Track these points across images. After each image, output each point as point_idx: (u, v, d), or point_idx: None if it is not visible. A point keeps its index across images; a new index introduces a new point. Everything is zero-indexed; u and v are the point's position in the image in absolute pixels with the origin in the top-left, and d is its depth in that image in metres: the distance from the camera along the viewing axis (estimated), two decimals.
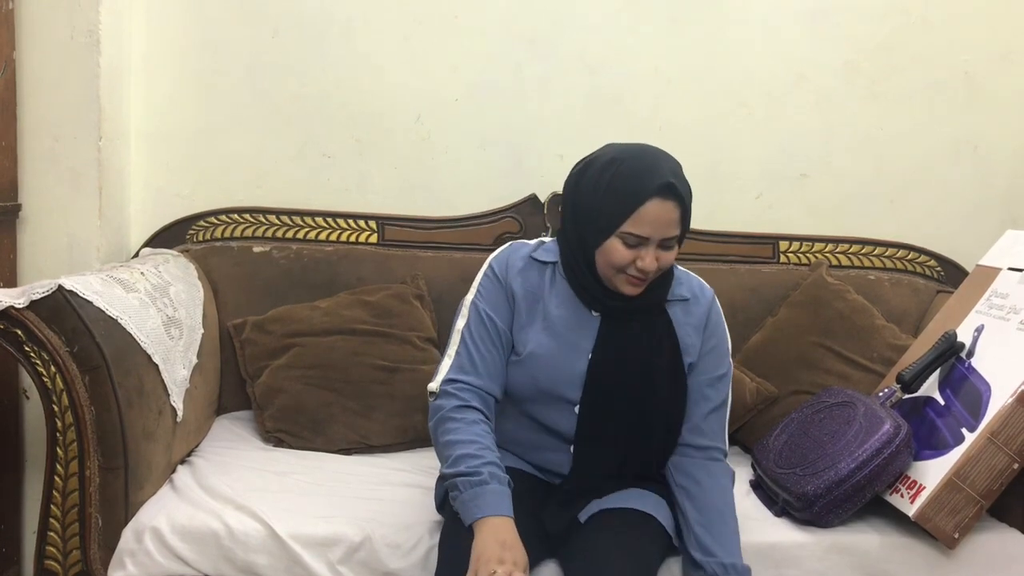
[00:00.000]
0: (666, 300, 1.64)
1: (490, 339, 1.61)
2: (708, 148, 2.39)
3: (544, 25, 2.32)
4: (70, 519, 1.58)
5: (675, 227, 1.53)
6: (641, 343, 1.61)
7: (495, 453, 1.50)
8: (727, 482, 1.63)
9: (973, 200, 2.46)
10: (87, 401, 1.56)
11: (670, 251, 1.55)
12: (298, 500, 1.71)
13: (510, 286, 1.63)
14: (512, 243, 1.70)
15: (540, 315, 1.62)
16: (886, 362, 2.07)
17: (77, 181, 2.03)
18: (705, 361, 1.65)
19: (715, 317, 1.67)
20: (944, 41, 2.40)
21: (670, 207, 1.51)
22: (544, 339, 1.60)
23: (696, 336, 1.65)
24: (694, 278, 1.71)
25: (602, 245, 1.54)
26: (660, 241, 1.52)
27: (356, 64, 2.29)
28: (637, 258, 1.52)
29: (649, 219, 1.50)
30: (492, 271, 1.65)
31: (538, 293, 1.63)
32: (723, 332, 1.69)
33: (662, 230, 1.51)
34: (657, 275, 1.57)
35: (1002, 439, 1.65)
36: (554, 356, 1.59)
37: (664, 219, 1.51)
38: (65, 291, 1.56)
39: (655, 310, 1.63)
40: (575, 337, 1.60)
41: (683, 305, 1.65)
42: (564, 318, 1.61)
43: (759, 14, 2.36)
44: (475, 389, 1.57)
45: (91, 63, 2.00)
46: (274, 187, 2.30)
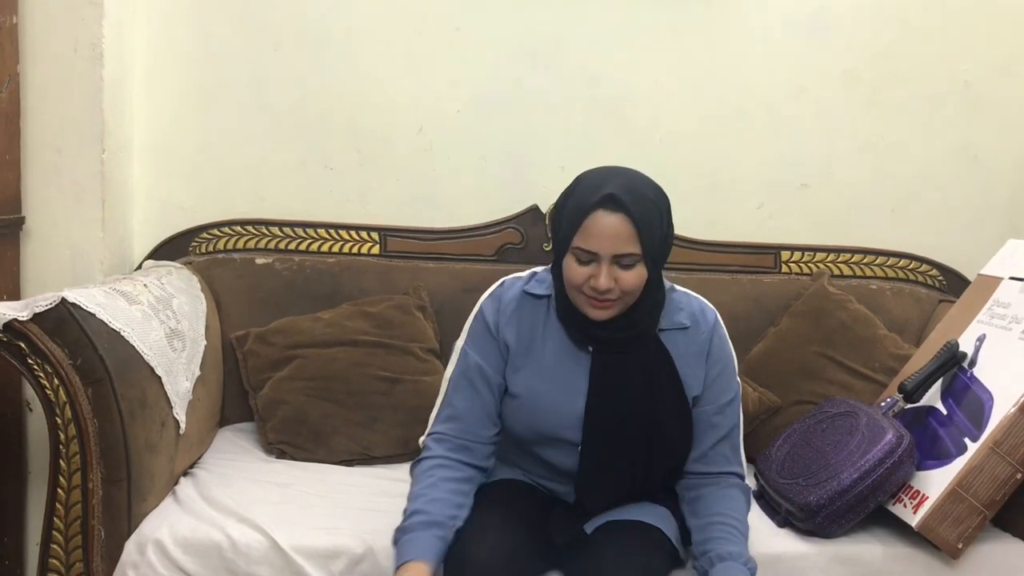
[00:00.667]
0: (660, 329, 1.58)
1: (478, 385, 1.59)
2: (709, 158, 2.39)
3: (545, 37, 2.32)
4: (73, 531, 1.58)
5: (628, 243, 1.46)
6: (637, 379, 1.56)
7: (438, 498, 1.49)
8: (737, 493, 1.59)
9: (974, 209, 2.46)
10: (90, 413, 1.56)
11: (630, 271, 1.48)
12: (300, 512, 1.71)
13: (503, 336, 1.59)
14: (504, 280, 1.65)
15: (535, 357, 1.59)
16: (888, 372, 2.07)
17: (80, 194, 2.04)
18: (711, 390, 1.61)
19: (718, 342, 1.62)
20: (944, 50, 2.41)
21: (617, 220, 1.45)
22: (539, 383, 1.57)
23: (698, 366, 1.60)
24: (695, 301, 1.64)
25: (563, 263, 1.51)
26: (614, 258, 1.46)
27: (358, 76, 2.30)
28: (591, 276, 1.48)
29: (595, 232, 1.46)
30: (483, 317, 1.61)
31: (533, 333, 1.60)
32: (728, 354, 1.63)
33: (611, 245, 1.46)
34: (624, 298, 1.50)
35: (1005, 449, 1.65)
36: (550, 399, 1.57)
37: (610, 232, 1.46)
38: (68, 304, 1.57)
39: (648, 341, 1.57)
40: (570, 377, 1.57)
41: (683, 334, 1.60)
42: (558, 357, 1.58)
43: (759, 24, 2.37)
44: (458, 439, 1.57)
45: (94, 76, 2.01)
46: (276, 199, 2.30)
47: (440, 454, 1.56)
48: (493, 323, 1.60)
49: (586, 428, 1.55)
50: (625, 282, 1.48)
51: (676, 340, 1.59)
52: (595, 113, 2.34)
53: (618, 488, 1.60)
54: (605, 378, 1.56)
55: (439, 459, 1.55)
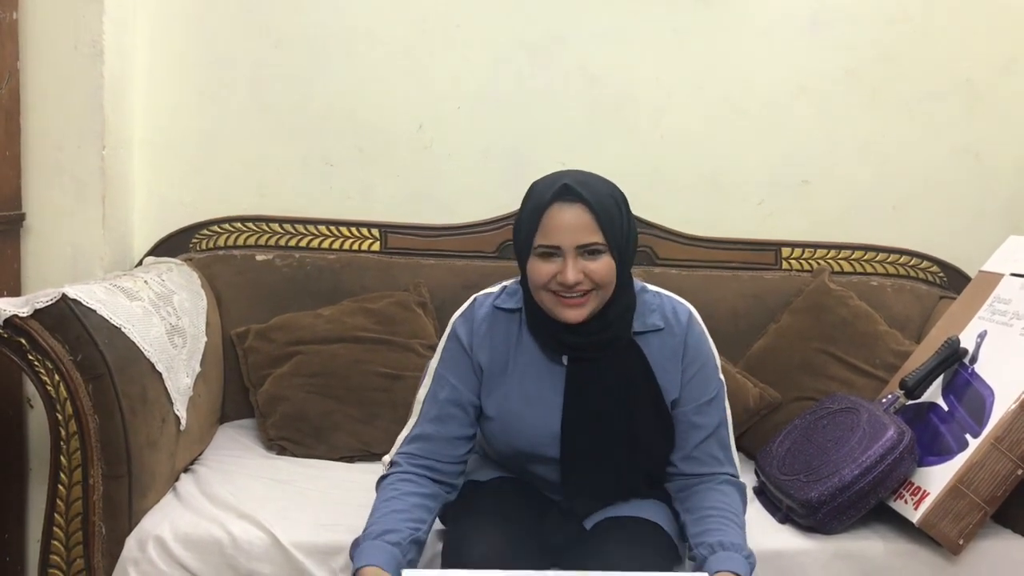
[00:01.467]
0: (634, 332, 1.54)
1: (451, 409, 1.55)
2: (710, 156, 2.39)
3: (546, 35, 2.32)
4: (73, 528, 1.58)
5: (589, 232, 1.44)
6: (612, 388, 1.52)
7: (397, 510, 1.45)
8: (730, 489, 1.55)
9: (975, 206, 2.46)
10: (91, 410, 1.56)
11: (598, 260, 1.45)
12: (301, 508, 1.71)
13: (476, 358, 1.56)
14: (476, 298, 1.61)
15: (509, 376, 1.56)
16: (889, 368, 2.07)
17: (81, 190, 2.04)
18: (689, 389, 1.56)
19: (693, 341, 1.56)
20: (945, 49, 2.41)
21: (575, 210, 1.44)
22: (514, 404, 1.54)
23: (675, 369, 1.56)
24: (668, 300, 1.60)
25: (527, 269, 1.49)
26: (578, 249, 1.44)
27: (359, 73, 2.30)
28: (557, 272, 1.45)
29: (553, 225, 1.44)
30: (456, 337, 1.57)
31: (507, 350, 1.56)
32: (707, 352, 1.58)
33: (572, 235, 1.44)
34: (597, 292, 1.46)
35: (1006, 445, 1.65)
36: (526, 420, 1.54)
37: (569, 223, 1.44)
38: (69, 300, 1.56)
39: (622, 346, 1.53)
40: (545, 393, 1.54)
41: (657, 336, 1.56)
42: (532, 374, 1.55)
43: (760, 23, 2.37)
44: (426, 459, 1.53)
45: (95, 73, 2.01)
46: (277, 196, 2.30)
47: (406, 470, 1.52)
48: (467, 343, 1.56)
49: (563, 444, 1.53)
50: (595, 273, 1.45)
51: (651, 343, 1.55)
52: (596, 110, 2.34)
53: (605, 493, 1.58)
54: (580, 391, 1.53)
55: (404, 474, 1.52)
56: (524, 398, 1.54)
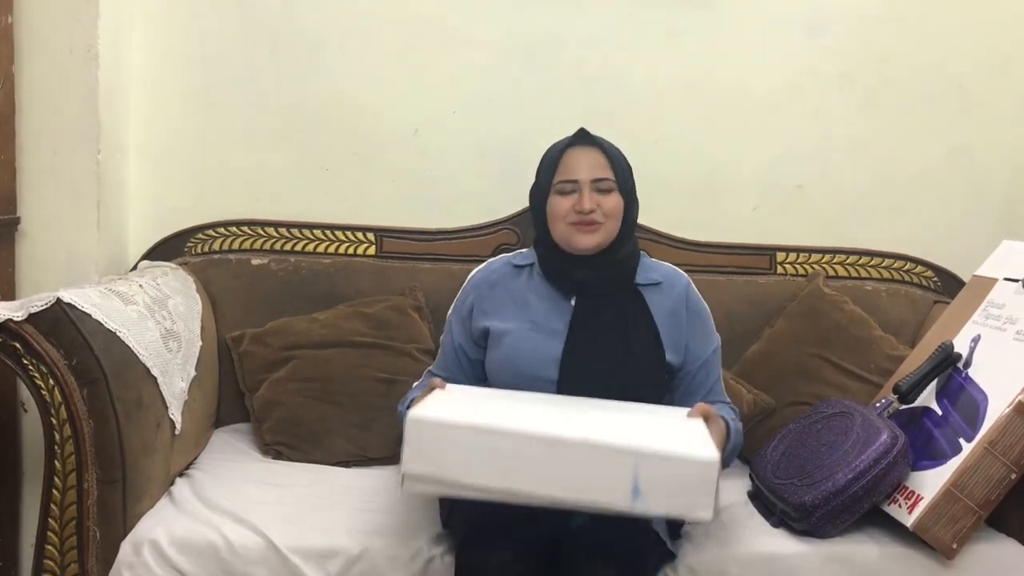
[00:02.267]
0: (637, 283, 1.75)
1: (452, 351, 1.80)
2: (705, 159, 2.40)
3: (542, 38, 2.33)
4: (68, 532, 1.58)
5: (602, 169, 1.70)
6: (614, 323, 1.70)
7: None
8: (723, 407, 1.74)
9: (969, 210, 2.47)
10: (85, 414, 1.56)
11: (609, 195, 1.70)
12: (297, 512, 1.71)
13: (473, 296, 1.79)
14: (495, 259, 1.87)
15: (518, 308, 1.75)
16: (883, 372, 2.08)
17: (76, 194, 2.03)
18: (695, 342, 1.76)
19: (694, 296, 1.80)
20: (939, 52, 2.41)
21: (589, 151, 1.71)
22: (521, 325, 1.72)
23: (673, 323, 1.74)
24: (665, 265, 1.84)
25: (548, 208, 1.72)
26: (592, 183, 1.69)
27: (354, 77, 2.31)
28: (575, 202, 1.68)
29: (573, 164, 1.71)
30: (467, 287, 1.83)
31: (517, 291, 1.77)
32: (706, 309, 1.81)
33: (588, 170, 1.70)
34: (607, 224, 1.69)
35: (1000, 449, 1.65)
36: (531, 341, 1.70)
37: (586, 161, 1.70)
38: (64, 304, 1.56)
39: (627, 291, 1.74)
40: (551, 323, 1.71)
41: (657, 289, 1.77)
42: (541, 308, 1.74)
43: (755, 26, 2.37)
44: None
45: (90, 77, 2.01)
46: (272, 200, 2.30)
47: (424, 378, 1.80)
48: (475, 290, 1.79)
49: (563, 366, 1.67)
50: (605, 205, 1.69)
51: (651, 295, 1.76)
52: (591, 114, 2.33)
53: None
54: (584, 323, 1.70)
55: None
56: (532, 324, 1.72)
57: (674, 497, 1.32)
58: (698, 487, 1.31)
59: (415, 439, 1.35)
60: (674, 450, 1.33)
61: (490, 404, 1.54)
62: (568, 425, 1.38)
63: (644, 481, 1.31)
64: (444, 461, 1.34)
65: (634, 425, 1.48)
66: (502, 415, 1.43)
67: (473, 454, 1.34)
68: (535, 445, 1.33)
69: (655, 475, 1.31)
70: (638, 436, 1.37)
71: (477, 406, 1.50)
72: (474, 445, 1.34)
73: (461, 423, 1.36)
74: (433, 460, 1.34)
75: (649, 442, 1.34)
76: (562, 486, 1.33)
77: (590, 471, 1.32)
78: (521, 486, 1.33)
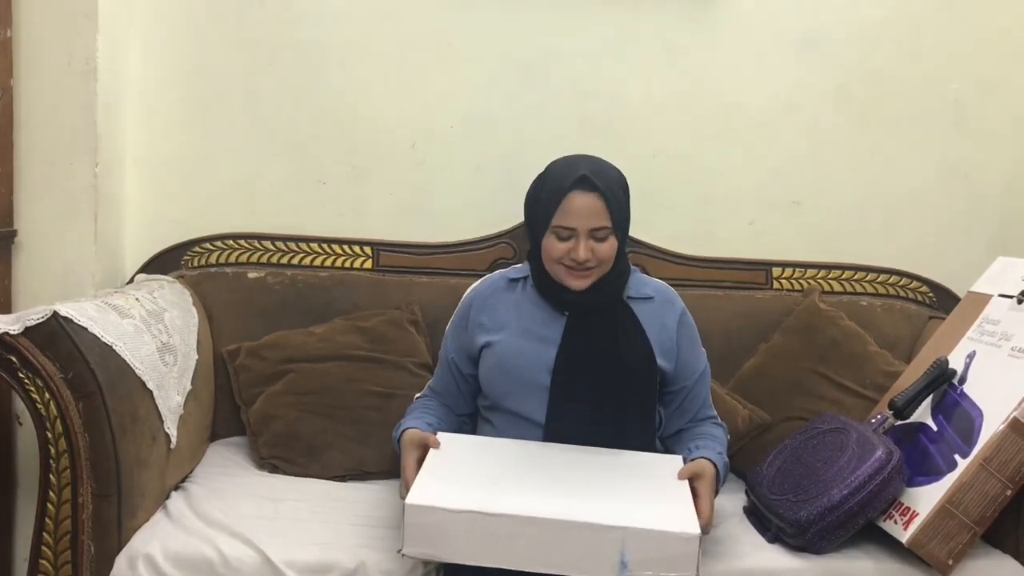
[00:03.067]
0: (627, 297, 1.79)
1: (452, 371, 1.84)
2: (701, 174, 2.40)
3: (538, 53, 2.34)
4: (62, 546, 1.57)
5: (601, 217, 1.69)
6: (607, 336, 1.74)
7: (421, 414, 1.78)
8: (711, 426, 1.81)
9: (964, 226, 2.47)
10: (81, 428, 1.56)
11: (604, 242, 1.70)
12: (292, 527, 1.70)
13: (469, 311, 1.82)
14: (492, 274, 1.90)
15: (511, 319, 1.78)
16: (879, 388, 2.08)
17: (73, 207, 2.04)
18: (685, 358, 1.80)
19: (687, 318, 1.84)
20: (934, 69, 2.43)
21: (591, 198, 1.68)
22: (514, 332, 1.77)
23: (662, 332, 1.78)
24: (657, 281, 1.89)
25: (543, 244, 1.73)
26: (589, 232, 1.68)
27: (352, 91, 2.31)
28: (571, 249, 1.69)
29: (572, 211, 1.68)
30: (465, 301, 1.87)
31: (512, 304, 1.80)
32: (696, 329, 1.86)
33: (587, 220, 1.68)
34: (600, 267, 1.71)
35: (995, 465, 1.65)
36: (526, 350, 1.74)
37: (586, 209, 1.68)
38: (60, 317, 1.56)
39: (617, 307, 1.77)
40: (545, 332, 1.75)
41: (648, 303, 1.80)
42: (535, 317, 1.78)
43: (751, 41, 2.38)
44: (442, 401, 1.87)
45: (88, 90, 2.02)
46: (269, 213, 2.30)
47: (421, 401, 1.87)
48: (468, 303, 1.84)
49: (556, 371, 1.71)
50: (601, 252, 1.71)
51: (642, 308, 1.79)
52: (588, 129, 2.35)
53: (585, 429, 1.71)
54: (576, 335, 1.74)
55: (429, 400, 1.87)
56: (525, 332, 1.76)
57: (659, 564, 1.44)
58: (682, 557, 1.43)
59: (413, 523, 1.46)
60: (659, 526, 1.45)
61: (482, 471, 1.60)
62: (559, 501, 1.49)
63: (630, 553, 1.43)
64: (441, 542, 1.46)
65: (622, 493, 1.56)
66: (495, 490, 1.52)
67: (468, 535, 1.45)
68: (528, 526, 1.44)
69: (641, 547, 1.43)
70: (625, 510, 1.48)
71: (470, 475, 1.57)
72: (469, 528, 1.45)
73: (456, 508, 1.45)
74: (430, 541, 1.46)
75: (635, 518, 1.45)
76: (554, 561, 1.45)
77: (581, 548, 1.44)
78: (514, 561, 1.45)
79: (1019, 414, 1.66)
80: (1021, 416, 1.66)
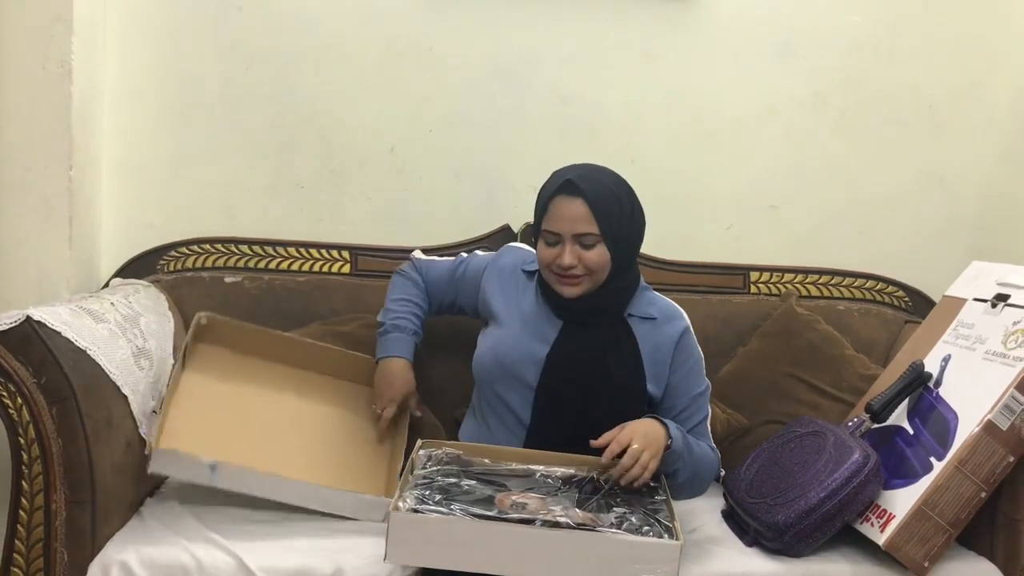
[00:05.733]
0: (627, 313, 1.77)
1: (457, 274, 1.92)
2: (679, 179, 2.41)
3: (518, 58, 2.34)
4: (35, 554, 1.55)
5: (586, 223, 1.67)
6: (601, 346, 1.74)
7: (409, 307, 1.90)
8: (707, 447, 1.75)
9: (940, 231, 2.49)
10: (54, 433, 1.54)
11: (592, 250, 1.68)
12: (269, 532, 1.69)
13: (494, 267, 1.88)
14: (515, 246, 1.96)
15: (520, 307, 1.80)
16: (856, 392, 2.09)
17: (47, 211, 2.01)
18: (685, 380, 1.77)
19: (688, 339, 1.80)
20: (910, 75, 2.45)
21: (575, 203, 1.67)
22: (516, 325, 1.78)
23: (662, 360, 1.76)
24: (667, 302, 1.84)
25: (537, 248, 1.75)
26: (574, 238, 1.68)
27: (330, 95, 2.30)
28: (558, 255, 1.69)
29: (556, 215, 1.69)
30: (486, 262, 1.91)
31: (518, 293, 1.83)
32: (699, 353, 1.81)
33: (571, 225, 1.68)
34: (591, 276, 1.70)
35: (969, 468, 1.67)
36: (521, 340, 1.76)
37: (570, 214, 1.68)
38: (33, 322, 1.55)
39: (615, 320, 1.76)
40: (542, 328, 1.77)
41: (651, 324, 1.78)
42: (535, 313, 1.79)
43: (729, 47, 2.39)
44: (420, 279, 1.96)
45: (63, 93, 2.00)
46: (247, 217, 2.29)
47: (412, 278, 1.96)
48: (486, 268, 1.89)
49: (544, 371, 1.72)
50: (588, 260, 1.69)
51: (642, 328, 1.77)
52: (567, 133, 2.35)
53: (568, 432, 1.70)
54: (571, 339, 1.75)
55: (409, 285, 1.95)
56: (523, 323, 1.78)
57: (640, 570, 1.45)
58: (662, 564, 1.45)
59: (397, 530, 1.47)
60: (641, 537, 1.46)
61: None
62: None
63: (611, 559, 1.45)
64: (425, 548, 1.47)
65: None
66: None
67: (452, 541, 1.46)
68: (511, 532, 1.46)
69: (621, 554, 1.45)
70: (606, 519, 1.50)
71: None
72: (453, 534, 1.46)
73: (441, 515, 1.47)
74: (414, 547, 1.47)
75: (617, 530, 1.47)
76: (536, 566, 1.46)
77: (562, 554, 1.46)
78: (497, 567, 1.46)
79: (993, 417, 1.68)
80: (995, 419, 1.68)
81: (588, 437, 1.65)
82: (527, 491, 1.58)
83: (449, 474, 1.62)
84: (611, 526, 1.48)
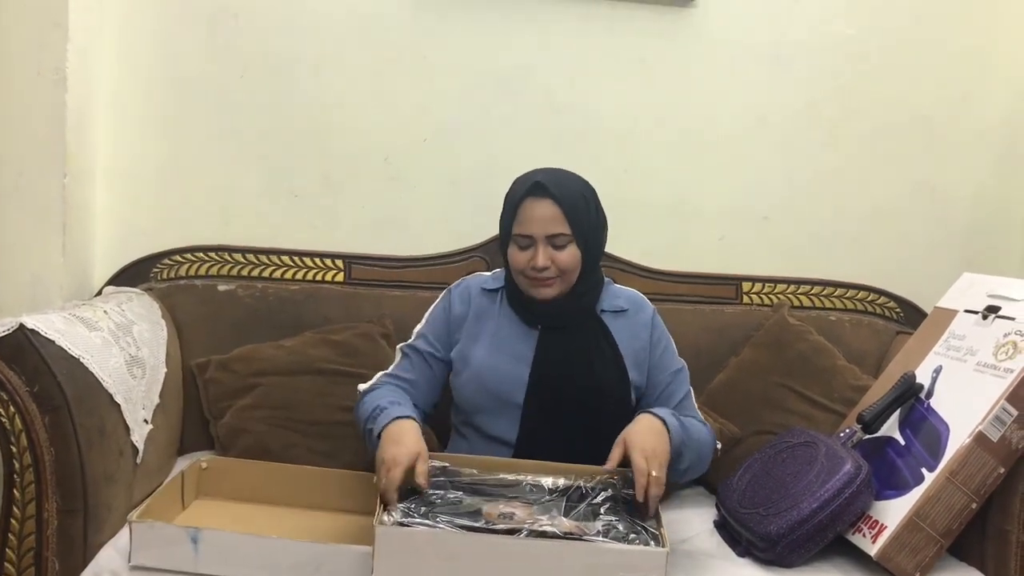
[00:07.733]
0: (599, 310, 1.81)
1: (423, 359, 1.83)
2: (672, 189, 2.42)
3: (512, 67, 2.35)
4: (26, 563, 1.55)
5: (557, 224, 1.70)
6: (580, 350, 1.76)
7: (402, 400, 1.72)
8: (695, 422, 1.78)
9: (931, 242, 2.50)
10: (47, 442, 1.54)
11: (563, 250, 1.71)
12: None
13: (454, 309, 1.84)
14: (475, 274, 1.94)
15: (488, 332, 1.80)
16: (847, 402, 2.10)
17: (41, 218, 2.01)
18: (661, 361, 1.83)
19: (659, 324, 1.87)
20: (902, 86, 2.46)
21: (545, 204, 1.70)
22: (490, 350, 1.78)
23: (639, 347, 1.81)
24: (629, 290, 1.91)
25: (507, 255, 1.76)
26: (547, 239, 1.70)
27: (325, 103, 2.31)
28: (531, 258, 1.71)
29: (527, 218, 1.72)
30: (445, 303, 1.87)
31: (487, 317, 1.82)
32: (669, 335, 1.88)
33: (543, 226, 1.70)
34: (564, 277, 1.72)
35: (960, 479, 1.67)
36: (500, 366, 1.76)
37: (540, 216, 1.71)
38: (27, 330, 1.55)
39: (589, 320, 1.79)
40: (518, 349, 1.77)
41: (622, 316, 1.83)
42: (509, 334, 1.79)
43: (723, 57, 2.41)
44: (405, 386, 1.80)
45: (57, 100, 2.00)
46: (241, 225, 2.29)
47: (386, 383, 1.80)
48: (451, 300, 1.86)
49: (530, 389, 1.73)
50: (560, 261, 1.72)
51: (615, 321, 1.81)
52: (561, 142, 2.36)
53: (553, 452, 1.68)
54: (550, 350, 1.76)
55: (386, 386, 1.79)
56: (499, 348, 1.78)
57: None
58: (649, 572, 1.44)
59: (384, 544, 1.46)
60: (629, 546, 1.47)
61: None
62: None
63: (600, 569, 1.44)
64: (413, 563, 1.46)
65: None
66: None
67: (438, 554, 1.46)
68: (499, 546, 1.46)
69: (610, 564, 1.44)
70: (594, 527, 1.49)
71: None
72: (441, 548, 1.46)
73: (429, 529, 1.47)
74: (402, 562, 1.47)
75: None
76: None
77: (551, 565, 1.45)
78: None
79: (984, 428, 1.68)
80: (986, 430, 1.68)
81: (577, 445, 1.66)
82: (513, 500, 1.58)
83: (436, 486, 1.61)
84: (598, 534, 1.48)
